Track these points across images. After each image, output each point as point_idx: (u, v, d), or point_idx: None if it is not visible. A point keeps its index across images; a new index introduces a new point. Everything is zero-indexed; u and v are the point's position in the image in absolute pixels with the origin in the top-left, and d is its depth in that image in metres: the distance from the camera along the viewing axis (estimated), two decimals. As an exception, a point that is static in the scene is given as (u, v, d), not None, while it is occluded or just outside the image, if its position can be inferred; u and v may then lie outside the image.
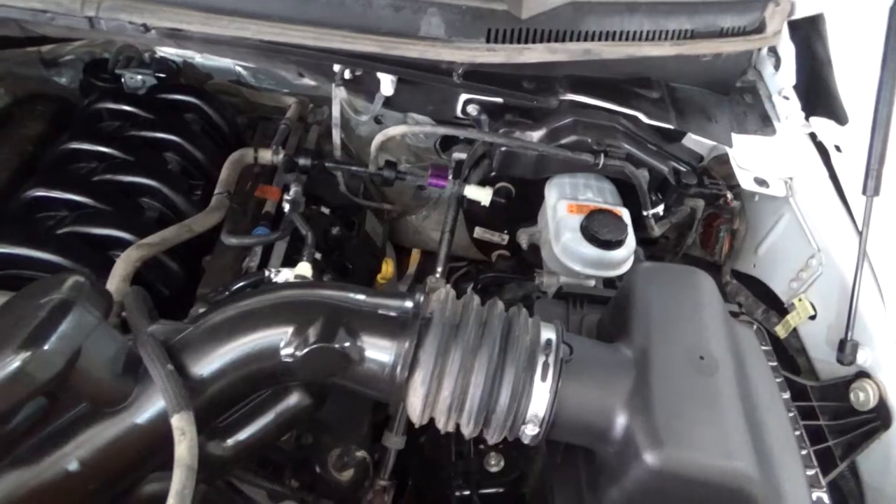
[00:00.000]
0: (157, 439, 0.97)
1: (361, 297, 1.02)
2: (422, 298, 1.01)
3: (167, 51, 2.06)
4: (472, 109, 1.53)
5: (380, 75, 1.43)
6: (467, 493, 1.62)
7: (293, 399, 1.08)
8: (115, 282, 1.28)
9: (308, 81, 2.03)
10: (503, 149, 1.49)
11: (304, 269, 1.30)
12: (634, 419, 0.97)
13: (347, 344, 0.96)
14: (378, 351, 0.98)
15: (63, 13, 1.22)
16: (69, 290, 0.92)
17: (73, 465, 0.96)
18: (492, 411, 0.97)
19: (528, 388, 0.96)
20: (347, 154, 2.04)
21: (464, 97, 1.52)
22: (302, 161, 1.61)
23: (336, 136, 1.67)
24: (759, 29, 1.65)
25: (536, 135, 1.49)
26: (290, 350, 0.96)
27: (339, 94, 1.49)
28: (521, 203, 1.77)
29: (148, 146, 1.70)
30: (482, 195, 1.68)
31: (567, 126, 1.49)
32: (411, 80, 1.45)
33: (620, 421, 0.98)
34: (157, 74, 1.95)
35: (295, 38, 1.26)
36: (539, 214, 1.66)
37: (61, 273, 0.97)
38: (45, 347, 0.86)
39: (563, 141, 1.48)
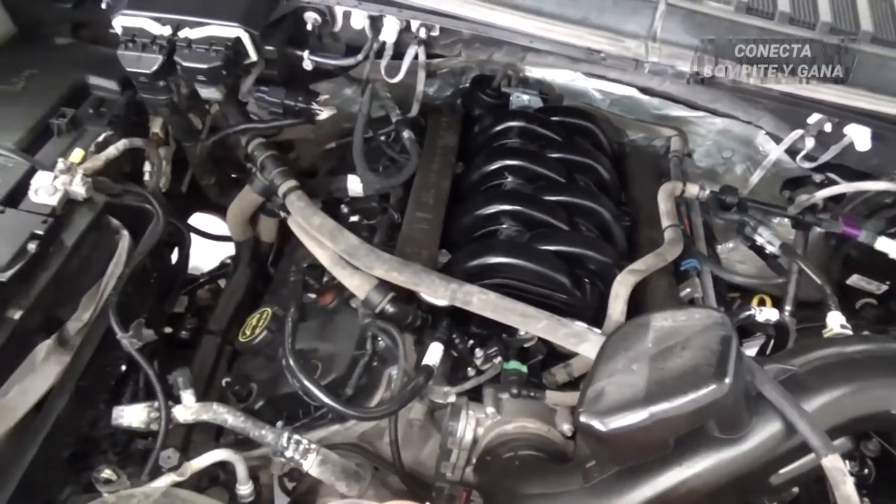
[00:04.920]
0: (760, 469, 1.07)
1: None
2: None
3: (533, 71, 2.17)
4: (922, 166, 1.57)
5: (857, 129, 1.47)
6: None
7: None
8: (620, 304, 1.38)
9: (669, 112, 2.09)
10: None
11: (839, 318, 1.35)
12: None
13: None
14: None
15: (626, 56, 1.34)
16: (726, 326, 1.02)
17: (687, 482, 1.06)
18: None
19: None
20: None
21: (916, 153, 1.55)
22: (728, 199, 1.68)
23: (755, 176, 1.73)
24: None
25: None
26: (912, 406, 1.02)
27: (807, 140, 1.54)
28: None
29: (562, 166, 1.80)
30: (892, 248, 1.70)
31: None
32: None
33: None
34: (542, 95, 2.06)
35: (819, 94, 1.34)
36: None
37: (695, 307, 1.07)
38: (727, 381, 0.96)
39: None
